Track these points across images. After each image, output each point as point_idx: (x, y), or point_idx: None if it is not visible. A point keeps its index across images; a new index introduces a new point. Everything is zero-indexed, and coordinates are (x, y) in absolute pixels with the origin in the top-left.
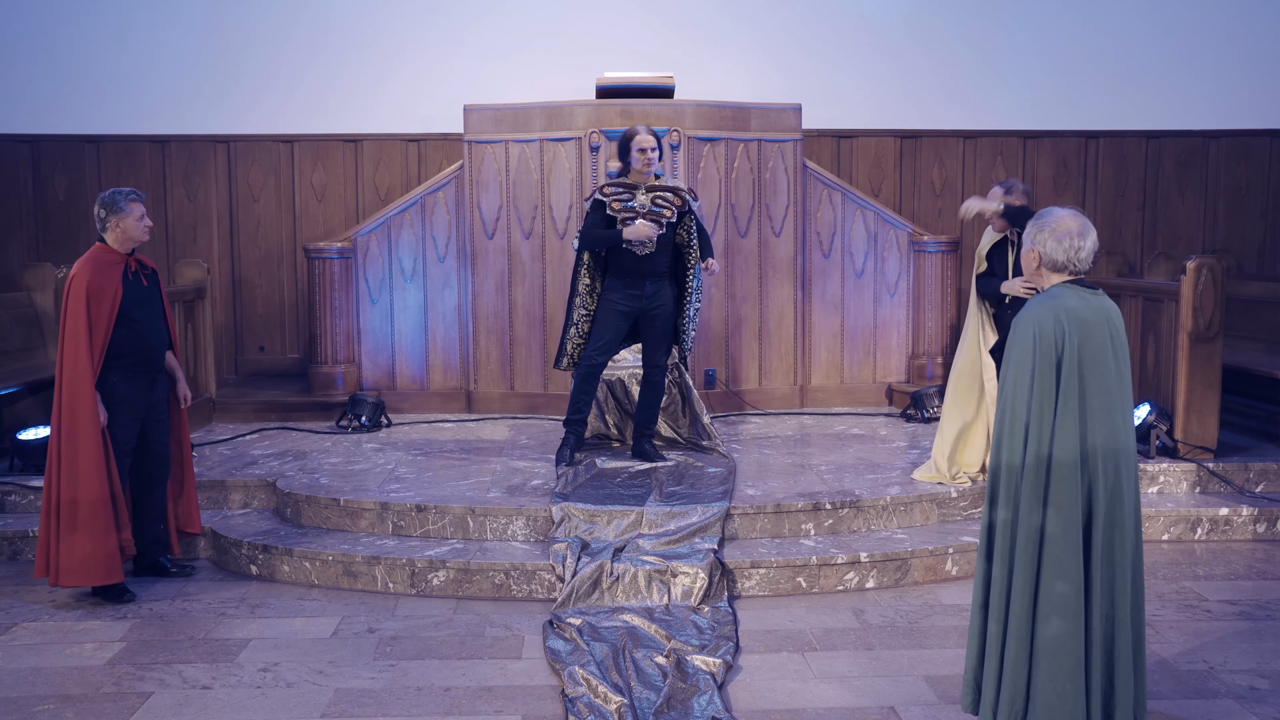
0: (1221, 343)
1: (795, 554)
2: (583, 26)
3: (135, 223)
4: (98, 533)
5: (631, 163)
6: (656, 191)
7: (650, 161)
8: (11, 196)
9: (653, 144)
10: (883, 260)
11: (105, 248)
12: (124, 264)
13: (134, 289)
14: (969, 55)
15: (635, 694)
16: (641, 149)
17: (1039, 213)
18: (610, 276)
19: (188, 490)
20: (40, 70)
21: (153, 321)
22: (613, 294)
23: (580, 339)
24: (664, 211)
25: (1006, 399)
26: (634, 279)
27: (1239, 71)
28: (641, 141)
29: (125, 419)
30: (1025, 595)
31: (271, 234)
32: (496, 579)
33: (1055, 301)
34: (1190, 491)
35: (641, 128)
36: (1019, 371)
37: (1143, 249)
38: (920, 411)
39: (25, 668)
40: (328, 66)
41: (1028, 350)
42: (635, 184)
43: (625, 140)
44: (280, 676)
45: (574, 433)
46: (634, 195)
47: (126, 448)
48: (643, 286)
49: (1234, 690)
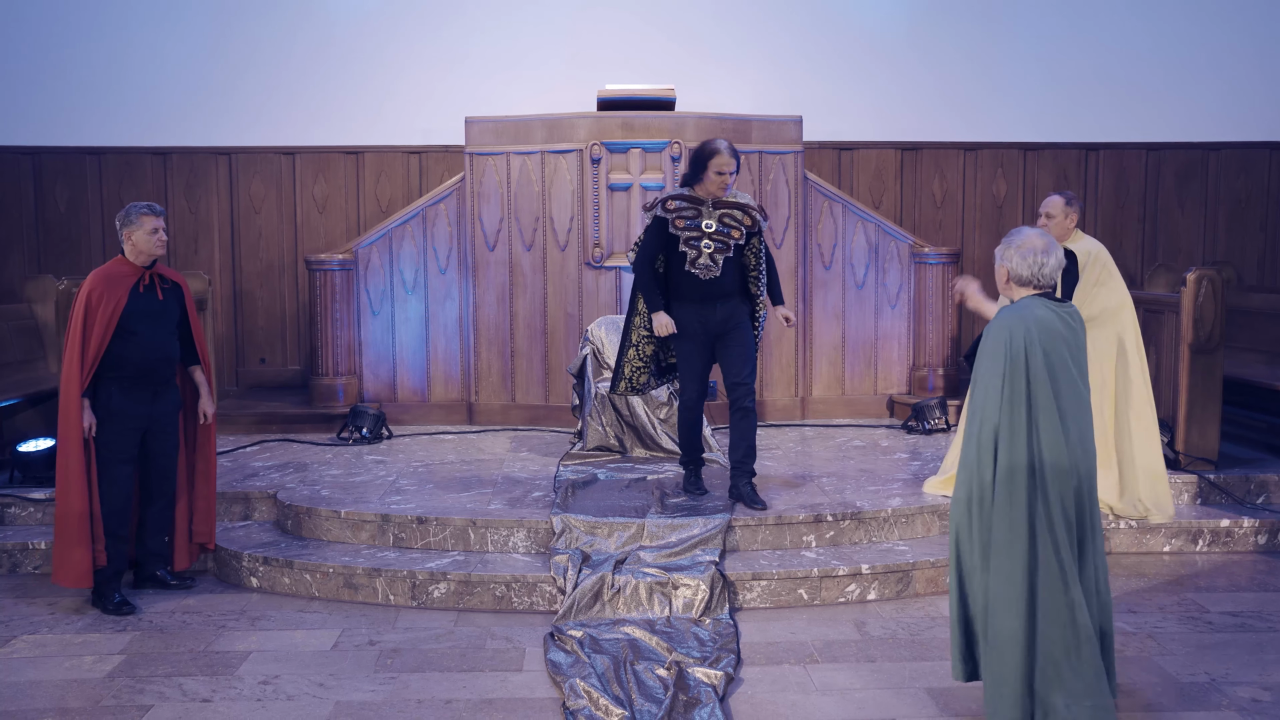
0: (1222, 354)
1: (797, 566)
2: (584, 39)
3: (147, 235)
4: (70, 538)
5: (704, 181)
6: (725, 209)
7: (725, 185)
8: (13, 208)
9: (732, 167)
10: (884, 272)
11: (121, 260)
12: (138, 277)
13: (142, 302)
14: (969, 67)
15: (636, 706)
16: (720, 171)
17: (1010, 231)
18: (677, 303)
19: (206, 503)
20: (42, 82)
21: (156, 335)
22: (684, 324)
23: (641, 362)
24: (732, 233)
25: (977, 404)
26: (704, 303)
27: (1239, 84)
28: (720, 164)
29: (120, 428)
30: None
31: (273, 246)
32: (497, 591)
33: (1025, 310)
34: (1191, 503)
35: (723, 144)
36: (989, 377)
37: (1143, 261)
38: (922, 423)
39: (24, 680)
40: (329, 79)
41: (999, 356)
42: (703, 200)
43: (702, 156)
44: (281, 689)
45: (697, 466)
46: (700, 213)
47: (122, 456)
48: (714, 310)
49: (1236, 702)
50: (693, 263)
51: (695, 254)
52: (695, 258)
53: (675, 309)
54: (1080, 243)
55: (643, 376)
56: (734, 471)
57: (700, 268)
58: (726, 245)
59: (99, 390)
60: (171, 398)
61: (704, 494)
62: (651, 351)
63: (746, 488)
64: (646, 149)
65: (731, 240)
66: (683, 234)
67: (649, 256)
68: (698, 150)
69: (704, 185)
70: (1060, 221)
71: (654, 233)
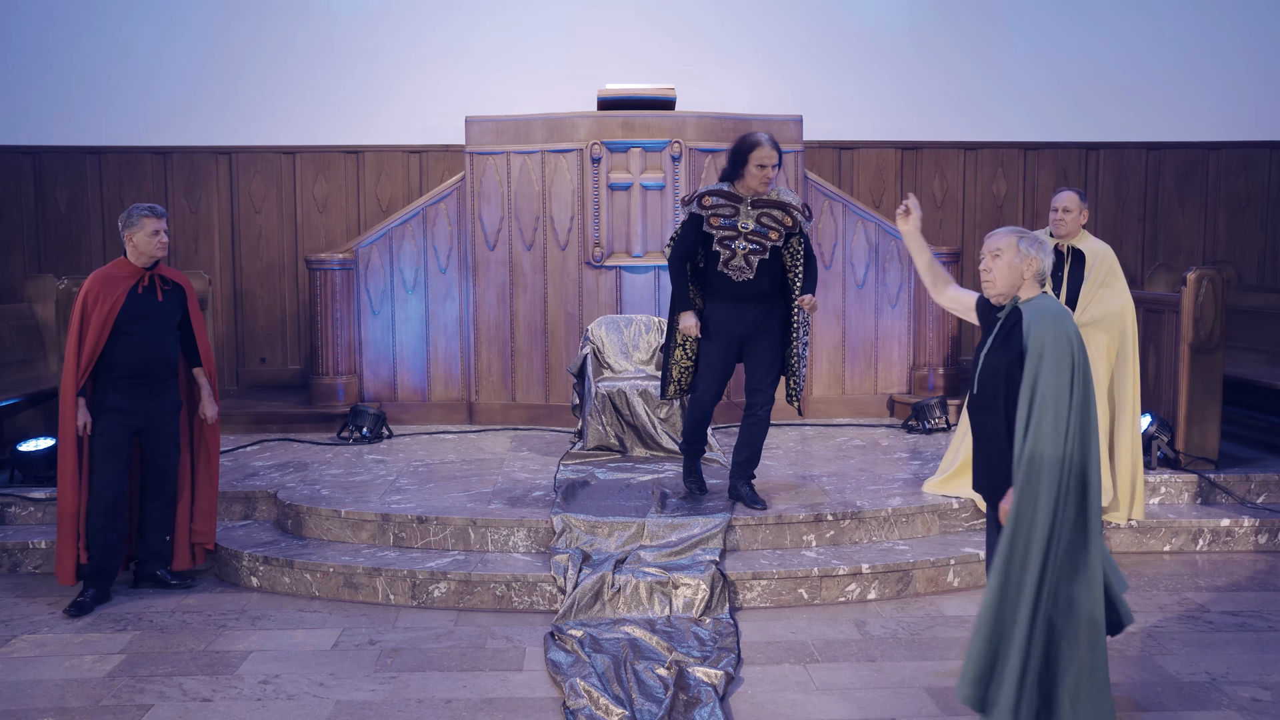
0: (1222, 354)
1: (797, 565)
2: (585, 38)
3: (148, 237)
4: (67, 537)
5: (745, 176)
6: (764, 209)
7: (768, 180)
8: (13, 208)
9: (775, 159)
10: (884, 271)
11: (122, 261)
12: (137, 278)
13: (140, 303)
14: (970, 67)
15: (637, 706)
16: (761, 164)
17: (1019, 230)
18: (710, 299)
19: (207, 504)
20: (42, 82)
21: (153, 336)
22: (714, 322)
23: (689, 361)
24: (770, 234)
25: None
26: (737, 304)
27: (1239, 83)
28: (762, 156)
29: (114, 424)
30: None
31: (273, 245)
32: (497, 590)
33: (1060, 307)
34: (1192, 503)
35: (764, 137)
36: (1059, 373)
37: (1143, 260)
38: (922, 423)
39: (25, 680)
40: (330, 78)
41: (1065, 353)
42: (741, 197)
43: (742, 150)
44: (281, 689)
45: (695, 454)
46: (738, 211)
47: (113, 454)
48: (746, 311)
49: (1236, 702)
50: (726, 263)
51: (729, 254)
52: (729, 258)
53: (709, 306)
54: (1087, 242)
55: (690, 377)
56: (734, 472)
57: (734, 269)
58: (763, 247)
59: (95, 389)
60: (169, 398)
61: (704, 491)
62: (697, 350)
63: (745, 488)
64: (647, 148)
65: (769, 241)
66: (717, 233)
67: (682, 254)
68: (737, 144)
69: (744, 181)
70: (1075, 217)
71: (689, 229)
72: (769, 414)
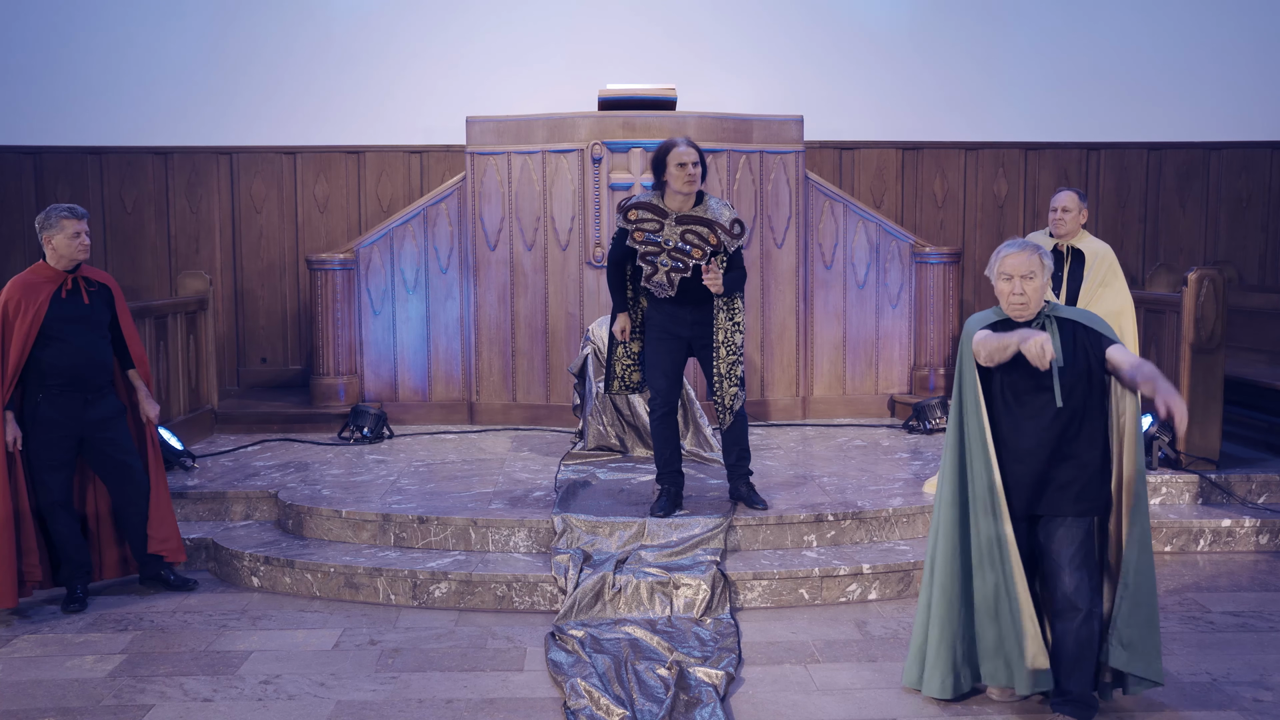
0: (1223, 354)
1: (797, 565)
2: (586, 38)
3: (68, 239)
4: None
5: (669, 181)
6: (689, 225)
7: (692, 179)
8: (14, 208)
9: (694, 158)
10: (885, 271)
11: (42, 265)
12: (59, 282)
13: (65, 307)
14: (970, 67)
15: (637, 706)
16: (680, 163)
17: (1032, 245)
18: (649, 301)
19: (159, 511)
20: (43, 82)
21: (85, 340)
22: (653, 324)
23: (630, 359)
24: (692, 252)
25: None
26: (672, 306)
27: (1240, 83)
28: (680, 155)
29: (51, 437)
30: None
31: (274, 245)
32: (498, 590)
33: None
34: (1193, 503)
35: (681, 140)
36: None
37: (1144, 260)
38: (922, 423)
39: (25, 680)
40: (330, 78)
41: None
42: (668, 212)
43: (660, 155)
44: (282, 689)
45: (672, 483)
46: (662, 226)
47: (52, 464)
48: (682, 314)
49: (1237, 702)
50: (648, 279)
51: (651, 270)
52: (651, 274)
53: (649, 307)
54: (1086, 242)
55: (634, 374)
56: (731, 474)
57: (655, 285)
58: (684, 265)
59: (25, 400)
60: (108, 403)
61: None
62: (639, 349)
63: (745, 488)
64: (647, 148)
65: (690, 260)
66: (641, 248)
67: (615, 260)
68: (656, 150)
69: (670, 187)
70: (1075, 216)
71: (617, 241)
72: (742, 407)
